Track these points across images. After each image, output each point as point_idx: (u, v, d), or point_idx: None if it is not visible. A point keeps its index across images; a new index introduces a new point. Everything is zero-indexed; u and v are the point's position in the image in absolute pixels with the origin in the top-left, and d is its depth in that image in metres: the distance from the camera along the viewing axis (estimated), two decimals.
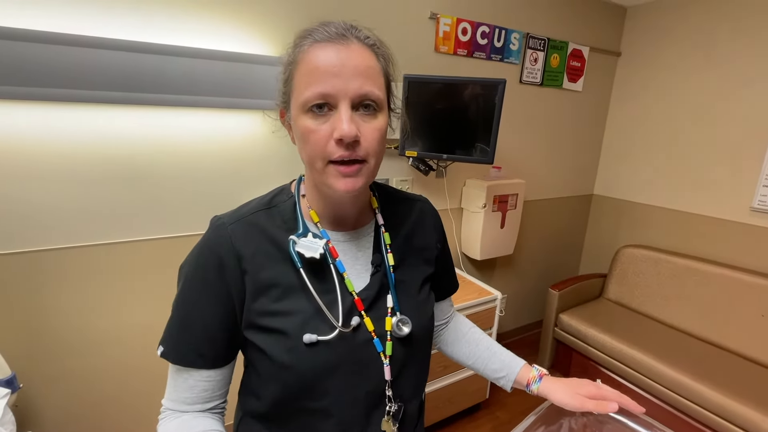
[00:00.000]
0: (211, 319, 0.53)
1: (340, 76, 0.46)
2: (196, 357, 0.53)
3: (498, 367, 0.72)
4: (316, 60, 0.47)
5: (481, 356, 0.75)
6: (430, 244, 0.68)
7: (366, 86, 0.47)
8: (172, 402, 0.55)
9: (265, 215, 0.57)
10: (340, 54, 0.47)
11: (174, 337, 0.54)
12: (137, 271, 1.39)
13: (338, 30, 0.48)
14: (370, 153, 0.50)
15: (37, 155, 1.18)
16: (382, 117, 0.51)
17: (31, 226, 1.21)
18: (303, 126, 0.49)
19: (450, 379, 1.76)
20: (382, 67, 0.52)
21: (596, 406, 0.61)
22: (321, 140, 0.48)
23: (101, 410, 1.44)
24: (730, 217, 2.09)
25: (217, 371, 0.56)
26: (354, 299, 0.56)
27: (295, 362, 0.52)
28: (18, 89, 1.08)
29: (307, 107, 0.48)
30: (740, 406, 1.53)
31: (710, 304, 2.01)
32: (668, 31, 2.27)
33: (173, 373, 0.55)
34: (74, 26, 1.14)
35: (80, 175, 1.24)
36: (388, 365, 0.56)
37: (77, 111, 1.19)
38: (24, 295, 1.25)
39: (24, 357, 1.27)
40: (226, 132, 1.43)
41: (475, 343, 0.77)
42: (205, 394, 0.55)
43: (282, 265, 0.54)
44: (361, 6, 1.58)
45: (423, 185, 1.96)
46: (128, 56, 1.18)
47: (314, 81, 0.47)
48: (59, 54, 1.10)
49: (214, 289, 0.53)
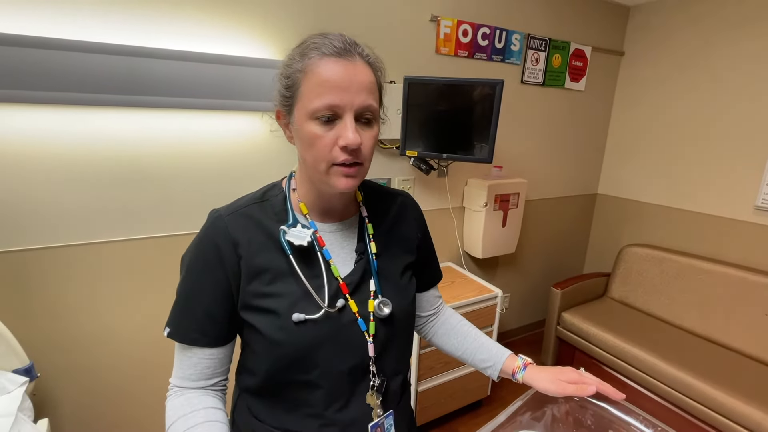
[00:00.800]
0: (211, 300, 0.58)
1: (348, 90, 0.52)
2: (198, 336, 0.59)
3: (485, 357, 0.76)
4: (327, 73, 0.52)
5: (469, 347, 0.79)
6: (410, 235, 0.74)
7: (368, 100, 0.54)
8: (178, 379, 0.61)
9: (258, 208, 0.62)
10: (348, 70, 0.53)
11: (178, 318, 0.60)
12: (146, 267, 1.45)
13: (344, 45, 0.54)
14: (366, 158, 0.57)
15: (51, 158, 1.24)
16: (376, 125, 0.58)
17: (46, 224, 1.28)
18: (310, 131, 0.54)
19: (451, 375, 1.79)
20: (378, 81, 0.58)
21: (576, 390, 0.65)
22: (327, 146, 0.54)
23: (113, 401, 1.50)
24: (734, 215, 2.08)
25: (219, 349, 0.61)
26: (339, 283, 0.61)
27: (286, 339, 0.57)
28: (35, 93, 1.15)
29: (316, 115, 0.53)
30: (744, 405, 1.53)
31: (714, 303, 2.00)
32: (672, 30, 2.27)
33: (179, 352, 0.61)
34: (95, 34, 1.21)
35: (91, 176, 1.31)
36: (371, 343, 0.61)
37: (91, 114, 1.26)
38: (41, 289, 1.31)
39: (41, 348, 1.34)
40: (230, 134, 1.48)
41: (463, 335, 0.81)
42: (207, 371, 0.61)
43: (274, 252, 0.59)
44: (363, 10, 1.62)
45: (425, 185, 2.00)
46: (140, 61, 1.24)
47: (324, 93, 0.52)
48: (70, 59, 1.16)
49: (213, 273, 0.58)
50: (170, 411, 0.58)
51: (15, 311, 1.28)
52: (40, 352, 1.33)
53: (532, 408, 0.72)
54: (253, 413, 0.64)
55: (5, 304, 1.26)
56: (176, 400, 0.59)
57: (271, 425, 0.63)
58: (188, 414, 0.57)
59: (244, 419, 0.66)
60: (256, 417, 0.64)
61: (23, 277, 1.28)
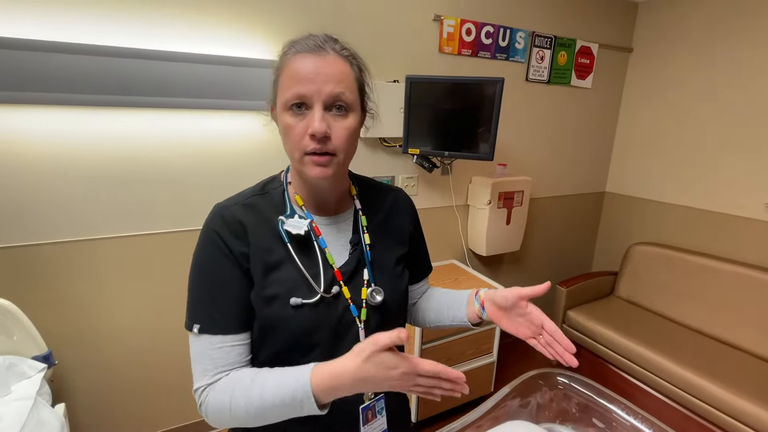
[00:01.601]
0: (233, 284, 0.60)
1: (315, 81, 0.55)
2: (231, 322, 0.60)
3: (454, 314, 0.76)
4: (296, 66, 0.56)
5: (440, 310, 0.79)
6: (403, 227, 0.76)
7: (337, 90, 0.56)
8: (209, 376, 0.58)
9: (259, 199, 0.66)
10: (316, 62, 0.56)
11: (206, 311, 0.59)
12: (159, 261, 1.51)
13: (317, 42, 0.58)
14: (339, 148, 0.58)
15: (72, 158, 1.31)
16: (353, 117, 0.59)
17: (65, 220, 1.35)
18: (284, 122, 0.58)
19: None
20: (356, 75, 0.60)
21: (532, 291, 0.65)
22: (298, 135, 0.57)
23: (125, 391, 1.57)
24: (744, 213, 2.04)
25: (248, 333, 0.62)
26: (334, 272, 0.64)
27: (285, 322, 0.60)
28: (60, 95, 1.22)
29: (288, 106, 0.57)
30: (753, 406, 1.51)
31: (724, 302, 1.97)
32: (682, 26, 2.24)
33: (207, 348, 0.59)
34: (112, 39, 1.27)
35: (110, 174, 1.38)
36: (362, 329, 0.65)
37: (113, 115, 1.33)
38: (59, 282, 1.38)
39: (59, 338, 1.41)
40: (237, 132, 1.53)
41: (435, 298, 0.81)
42: (240, 357, 0.60)
43: (274, 241, 0.63)
44: (366, 10, 1.66)
45: (429, 183, 2.02)
46: (152, 64, 1.30)
47: (294, 84, 0.56)
48: (84, 63, 1.23)
49: (227, 262, 0.60)
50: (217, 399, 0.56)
51: (35, 302, 1.35)
52: (58, 342, 1.40)
53: (521, 395, 0.74)
54: None
55: (26, 295, 1.33)
56: (218, 387, 0.57)
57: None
58: (238, 383, 0.56)
59: None
60: None
61: (43, 270, 1.35)
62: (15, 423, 1.00)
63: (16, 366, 1.15)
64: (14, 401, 1.08)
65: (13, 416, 1.02)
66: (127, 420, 1.60)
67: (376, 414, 0.69)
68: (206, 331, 0.59)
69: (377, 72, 1.74)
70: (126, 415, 1.59)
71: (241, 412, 0.55)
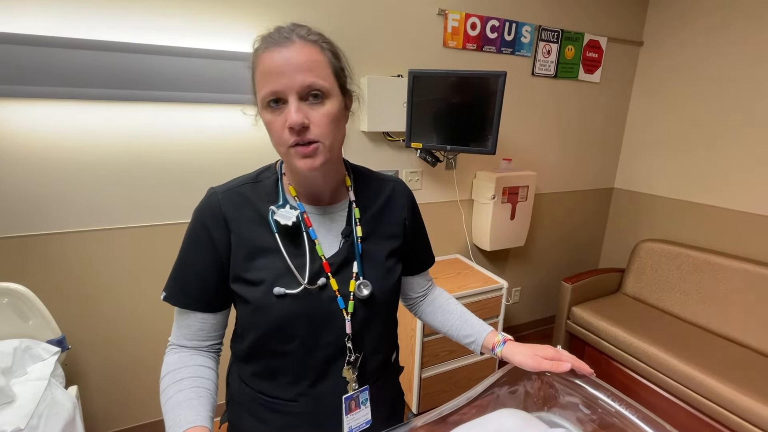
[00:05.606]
0: (203, 268, 0.64)
1: (285, 74, 0.54)
2: (191, 301, 0.65)
3: (468, 333, 0.79)
4: (265, 63, 0.56)
5: (454, 324, 0.82)
6: (398, 220, 0.75)
7: (309, 78, 0.55)
8: (176, 338, 0.67)
9: (251, 188, 0.67)
10: (283, 55, 0.55)
11: (173, 284, 0.66)
12: (169, 251, 1.56)
13: (282, 33, 0.56)
14: (321, 134, 0.57)
15: (86, 152, 1.36)
16: (331, 103, 0.58)
17: (78, 210, 1.40)
18: (265, 119, 0.59)
19: (456, 363, 1.82)
20: (328, 58, 0.58)
21: (552, 366, 0.67)
22: (279, 130, 0.57)
23: (136, 375, 1.63)
24: (753, 210, 2.00)
25: (211, 315, 0.66)
26: (323, 263, 0.65)
27: (267, 310, 0.62)
28: (55, 89, 1.26)
29: (265, 103, 0.57)
30: (760, 405, 1.49)
31: (731, 300, 1.94)
32: (695, 19, 2.19)
33: (176, 314, 0.67)
34: (118, 34, 1.31)
35: (121, 167, 1.42)
36: (349, 321, 0.65)
37: (132, 109, 1.37)
38: (74, 269, 1.44)
39: (73, 323, 1.47)
40: (237, 127, 1.57)
41: (449, 312, 0.84)
42: (201, 333, 0.67)
43: (262, 229, 0.64)
44: (369, 4, 1.67)
45: (433, 178, 2.03)
46: (157, 59, 1.34)
47: (266, 81, 0.56)
48: (86, 57, 1.27)
49: (204, 245, 0.64)
50: (165, 365, 0.65)
51: (50, 289, 1.41)
52: (72, 327, 1.46)
53: (510, 382, 0.75)
54: (241, 377, 0.71)
55: (42, 282, 1.39)
56: (171, 356, 0.65)
57: (254, 389, 0.68)
58: (179, 369, 0.63)
59: (235, 382, 0.73)
60: (243, 381, 0.70)
61: (58, 258, 1.41)
62: (30, 401, 1.05)
63: (31, 349, 1.21)
64: (30, 381, 1.14)
65: (28, 395, 1.07)
66: (137, 403, 1.66)
67: (359, 404, 0.69)
68: (169, 300, 0.65)
69: (381, 67, 1.75)
70: (136, 399, 1.65)
71: (161, 388, 0.63)
